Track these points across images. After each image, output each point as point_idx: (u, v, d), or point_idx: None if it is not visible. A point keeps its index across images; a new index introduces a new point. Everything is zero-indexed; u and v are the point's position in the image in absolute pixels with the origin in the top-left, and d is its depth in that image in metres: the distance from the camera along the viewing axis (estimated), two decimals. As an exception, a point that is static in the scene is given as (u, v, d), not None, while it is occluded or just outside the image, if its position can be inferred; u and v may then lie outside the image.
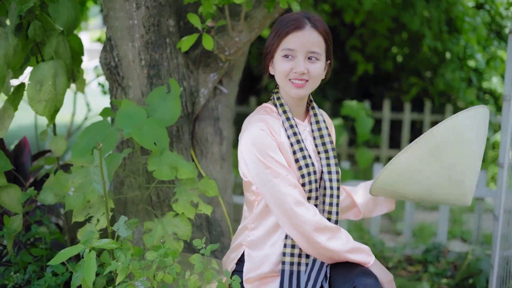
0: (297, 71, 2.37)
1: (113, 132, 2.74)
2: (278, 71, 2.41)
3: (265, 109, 2.51)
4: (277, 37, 2.38)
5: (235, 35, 3.15)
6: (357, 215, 2.77)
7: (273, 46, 2.40)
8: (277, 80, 2.46)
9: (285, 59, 2.39)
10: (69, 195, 2.68)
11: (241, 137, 2.43)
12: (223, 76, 3.41)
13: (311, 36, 2.38)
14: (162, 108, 2.83)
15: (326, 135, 2.54)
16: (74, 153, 2.71)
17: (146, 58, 3.00)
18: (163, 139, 2.73)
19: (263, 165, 2.34)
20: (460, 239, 6.24)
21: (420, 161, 2.37)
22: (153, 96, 2.87)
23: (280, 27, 2.39)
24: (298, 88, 2.41)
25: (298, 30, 2.36)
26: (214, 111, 3.41)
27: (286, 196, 2.33)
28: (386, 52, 9.18)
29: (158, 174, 2.71)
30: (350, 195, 2.74)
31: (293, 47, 2.37)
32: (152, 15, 2.99)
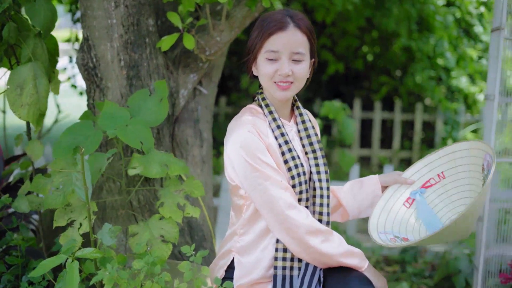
0: (281, 74, 2.31)
1: (97, 132, 2.65)
2: (262, 74, 2.34)
3: (251, 111, 2.43)
4: (260, 38, 2.31)
5: (216, 35, 3.08)
6: (344, 217, 2.69)
7: (256, 48, 2.33)
8: (262, 82, 2.39)
9: (269, 61, 2.31)
10: (49, 194, 2.57)
11: (228, 140, 2.35)
12: (203, 76, 3.33)
13: (295, 37, 2.31)
14: (144, 110, 2.75)
15: (313, 135, 2.48)
16: (56, 153, 2.62)
17: (125, 58, 2.91)
18: (148, 139, 2.65)
19: (252, 168, 2.27)
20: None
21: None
22: (134, 98, 2.79)
23: (263, 28, 2.31)
24: (283, 90, 2.34)
25: (281, 31, 2.29)
26: (194, 112, 3.32)
27: (277, 200, 2.26)
28: (356, 51, 9.19)
29: (148, 172, 2.63)
30: (336, 194, 2.67)
31: (276, 49, 2.30)
32: (131, 14, 2.89)
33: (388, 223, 2.56)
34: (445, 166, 2.63)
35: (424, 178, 2.65)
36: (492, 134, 3.23)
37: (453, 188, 2.61)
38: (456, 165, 2.60)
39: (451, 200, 2.61)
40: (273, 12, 2.36)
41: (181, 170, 2.67)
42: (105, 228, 2.33)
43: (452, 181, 2.62)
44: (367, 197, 2.63)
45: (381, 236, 2.49)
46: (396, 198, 2.62)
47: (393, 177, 2.64)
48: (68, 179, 2.53)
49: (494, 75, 3.27)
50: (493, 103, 3.23)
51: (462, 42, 8.74)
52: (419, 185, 2.64)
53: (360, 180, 2.67)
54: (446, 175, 2.62)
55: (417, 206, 2.60)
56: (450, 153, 2.61)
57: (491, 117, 3.25)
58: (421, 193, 2.62)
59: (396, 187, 2.64)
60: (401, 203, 2.62)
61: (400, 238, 2.50)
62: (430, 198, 2.63)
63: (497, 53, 3.22)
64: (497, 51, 3.24)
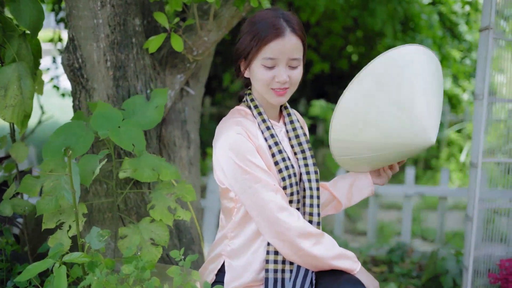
0: (279, 81, 2.27)
1: (88, 133, 2.60)
2: (259, 79, 2.29)
3: (239, 112, 2.40)
4: (256, 44, 2.25)
5: (204, 35, 3.04)
6: (337, 208, 2.65)
7: (251, 52, 2.27)
8: (257, 87, 2.34)
9: (265, 68, 2.27)
10: (41, 199, 2.52)
11: (217, 142, 2.31)
12: (190, 77, 3.29)
13: (292, 43, 2.26)
14: (140, 114, 2.72)
15: (301, 135, 2.45)
16: (46, 154, 2.56)
17: (112, 59, 2.86)
18: (140, 141, 2.61)
19: (242, 170, 2.23)
20: (421, 238, 6.25)
21: (366, 96, 2.22)
22: (130, 102, 2.76)
23: (258, 33, 2.24)
24: (280, 96, 2.31)
25: (278, 38, 2.24)
26: (181, 113, 3.29)
27: (268, 202, 2.22)
28: (341, 51, 9.18)
29: (139, 176, 2.59)
30: (327, 188, 2.64)
31: (274, 56, 2.25)
32: (117, 13, 2.85)
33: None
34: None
35: None
36: (481, 134, 3.22)
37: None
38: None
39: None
40: (266, 13, 2.30)
41: (172, 175, 2.63)
42: (93, 232, 2.28)
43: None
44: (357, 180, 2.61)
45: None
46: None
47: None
48: (59, 182, 2.48)
49: (482, 74, 3.27)
50: (482, 102, 3.22)
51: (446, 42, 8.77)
52: None
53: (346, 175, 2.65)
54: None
55: None
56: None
57: (480, 116, 3.24)
58: None
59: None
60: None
61: None
62: None
63: (486, 53, 3.21)
64: (485, 51, 3.23)
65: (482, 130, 3.21)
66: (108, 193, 2.89)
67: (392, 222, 6.62)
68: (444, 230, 5.46)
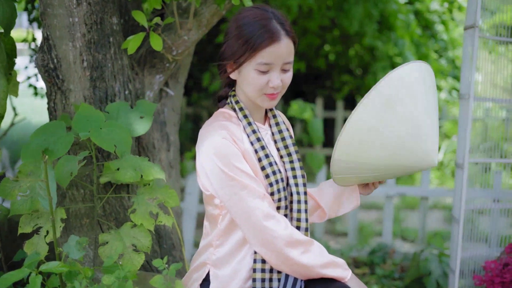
0: (274, 86, 2.18)
1: (68, 135, 2.50)
2: (251, 84, 2.19)
3: (223, 115, 2.30)
4: (250, 49, 2.14)
5: (184, 34, 2.95)
6: (321, 217, 2.57)
7: (244, 57, 2.16)
8: (247, 91, 2.24)
9: (259, 73, 2.17)
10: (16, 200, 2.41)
11: (200, 147, 2.22)
12: (169, 77, 3.19)
13: (287, 46, 2.18)
14: (124, 119, 2.64)
15: (287, 137, 2.36)
16: (24, 156, 2.46)
17: (89, 59, 2.75)
18: (125, 142, 2.52)
19: (227, 177, 2.14)
20: (401, 238, 6.21)
21: (374, 117, 2.15)
22: (114, 106, 2.67)
23: (252, 37, 2.14)
24: (272, 100, 2.23)
25: (275, 43, 2.14)
26: (161, 115, 3.19)
27: (254, 210, 2.13)
28: (318, 50, 9.13)
29: (121, 176, 2.49)
30: (312, 196, 2.56)
31: (269, 61, 2.16)
32: (94, 12, 2.74)
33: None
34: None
35: None
36: (468, 134, 3.16)
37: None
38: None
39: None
40: (255, 13, 2.18)
41: (157, 174, 2.54)
42: (72, 240, 2.18)
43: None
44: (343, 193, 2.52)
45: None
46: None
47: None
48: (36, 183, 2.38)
49: (468, 74, 3.21)
50: (468, 102, 3.17)
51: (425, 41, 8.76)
52: None
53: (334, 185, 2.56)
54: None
55: None
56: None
57: (466, 116, 3.19)
58: None
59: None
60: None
61: None
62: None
63: (472, 51, 3.15)
64: (471, 50, 3.17)
65: (468, 130, 3.15)
66: (85, 199, 2.78)
67: (373, 222, 6.58)
68: (426, 231, 5.42)
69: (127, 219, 2.82)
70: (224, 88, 2.38)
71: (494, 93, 3.39)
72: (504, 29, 3.41)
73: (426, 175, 5.37)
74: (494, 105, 3.62)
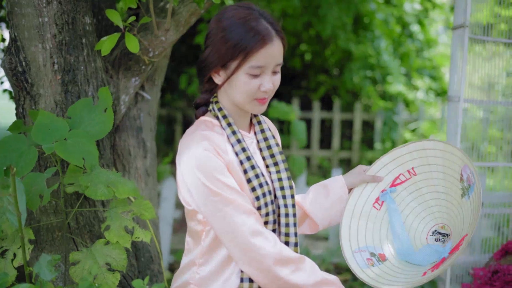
0: (266, 90, 2.03)
1: (31, 149, 2.31)
2: (242, 89, 2.04)
3: (205, 124, 2.12)
4: (242, 52, 1.98)
5: (161, 34, 2.78)
6: (313, 228, 2.42)
7: (234, 60, 2.00)
8: (236, 97, 2.07)
9: (251, 77, 2.02)
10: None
11: (181, 158, 2.05)
12: (145, 80, 3.03)
13: (278, 47, 2.04)
14: (88, 121, 2.44)
15: (274, 145, 2.20)
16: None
17: (60, 61, 2.57)
18: (92, 154, 2.34)
19: (210, 192, 1.98)
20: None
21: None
22: (76, 108, 2.47)
23: (242, 39, 1.99)
24: (262, 105, 2.08)
25: (267, 44, 2.00)
26: (136, 120, 3.02)
27: (240, 227, 1.97)
28: (294, 50, 9.01)
29: (92, 193, 2.31)
30: (299, 204, 2.40)
31: (263, 64, 2.01)
32: (65, 11, 2.57)
33: (361, 233, 2.31)
34: (415, 162, 2.36)
35: (393, 174, 2.38)
36: (458, 138, 3.04)
37: (426, 186, 2.35)
38: (429, 163, 2.33)
39: (424, 199, 2.36)
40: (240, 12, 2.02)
41: (130, 192, 2.36)
42: (43, 260, 2.00)
43: (425, 179, 2.35)
44: (335, 205, 2.36)
45: (357, 257, 2.24)
46: (364, 200, 2.36)
47: (360, 177, 2.37)
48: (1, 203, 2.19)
49: (457, 75, 3.09)
50: (458, 105, 3.04)
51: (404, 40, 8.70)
52: (388, 183, 2.39)
53: (325, 185, 2.39)
54: (418, 171, 2.36)
55: (388, 209, 2.36)
56: (420, 150, 2.34)
57: (456, 120, 3.06)
58: (391, 192, 2.37)
59: (363, 186, 2.37)
60: (371, 205, 2.36)
61: (376, 255, 2.26)
62: (401, 196, 2.37)
63: (462, 52, 3.03)
64: (461, 51, 3.05)
65: (459, 134, 3.02)
66: (57, 210, 2.60)
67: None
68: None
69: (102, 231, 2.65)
70: (203, 95, 2.21)
71: (471, 93, 3.27)
72: (478, 28, 3.29)
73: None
74: (471, 105, 3.51)
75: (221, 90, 2.12)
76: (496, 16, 3.38)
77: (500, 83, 3.63)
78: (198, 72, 2.16)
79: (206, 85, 2.16)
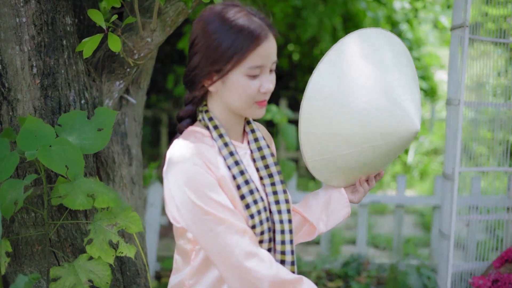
0: (266, 90, 1.87)
1: (12, 154, 2.17)
2: (242, 93, 1.87)
3: (195, 135, 1.95)
4: (239, 52, 1.83)
5: (147, 35, 2.63)
6: (311, 234, 2.26)
7: (231, 62, 1.84)
8: (235, 103, 1.90)
9: (250, 78, 1.86)
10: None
11: (168, 173, 1.87)
12: (130, 83, 2.88)
13: (274, 44, 1.89)
14: (78, 134, 2.31)
15: (268, 155, 2.04)
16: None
17: (39, 64, 2.42)
18: (78, 163, 2.20)
19: (201, 210, 1.81)
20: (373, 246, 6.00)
21: (338, 77, 1.93)
22: (69, 117, 2.34)
23: (237, 38, 1.83)
24: (263, 108, 1.92)
25: (264, 41, 1.85)
26: (121, 125, 2.87)
27: (234, 248, 1.81)
28: (281, 50, 8.90)
29: (70, 203, 2.17)
30: (297, 210, 2.25)
31: (262, 63, 1.85)
32: (44, 11, 2.41)
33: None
34: None
35: None
36: (458, 143, 2.90)
37: None
38: None
39: None
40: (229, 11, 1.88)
41: (110, 202, 2.21)
42: (20, 281, 1.85)
43: None
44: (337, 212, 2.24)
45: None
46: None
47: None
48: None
49: (457, 77, 2.96)
50: (458, 108, 2.91)
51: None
52: None
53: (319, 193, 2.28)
54: None
55: None
56: None
57: (456, 124, 2.93)
58: None
59: None
60: None
61: None
62: None
63: (463, 53, 2.89)
64: (461, 51, 2.91)
65: (459, 139, 2.89)
66: (37, 223, 2.45)
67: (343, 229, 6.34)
68: (401, 240, 5.19)
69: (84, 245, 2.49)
70: (187, 107, 2.03)
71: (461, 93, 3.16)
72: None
73: (402, 182, 5.14)
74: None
75: (212, 98, 1.97)
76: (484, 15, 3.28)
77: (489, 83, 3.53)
78: (187, 82, 1.99)
79: (197, 93, 1.99)
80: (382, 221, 6.87)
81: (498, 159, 3.54)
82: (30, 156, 2.13)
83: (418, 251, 5.67)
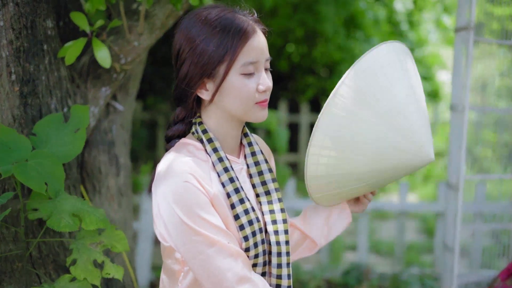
0: (265, 87, 1.77)
1: None
2: (239, 94, 1.76)
3: (187, 148, 1.82)
4: (228, 52, 1.72)
5: (134, 39, 2.50)
6: (311, 248, 2.15)
7: (223, 63, 1.73)
8: (234, 107, 1.79)
9: (246, 76, 1.75)
10: None
11: (157, 188, 1.75)
12: (118, 89, 2.74)
13: (264, 39, 1.80)
14: (55, 141, 2.18)
15: (266, 171, 1.91)
16: None
17: (18, 70, 2.28)
18: (58, 178, 2.06)
19: (191, 230, 1.68)
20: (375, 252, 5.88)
21: (345, 116, 1.80)
22: (43, 124, 2.21)
23: (226, 36, 1.72)
24: (264, 108, 1.80)
25: (252, 37, 1.74)
26: (108, 133, 2.74)
27: (225, 272, 1.68)
28: (281, 51, 8.79)
29: (55, 224, 2.03)
30: (296, 226, 2.12)
31: (256, 58, 1.75)
32: (23, 14, 2.28)
33: None
34: None
35: None
36: (463, 151, 2.76)
37: None
38: None
39: None
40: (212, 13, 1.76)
41: (99, 223, 2.07)
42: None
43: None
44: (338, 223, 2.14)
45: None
46: None
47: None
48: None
49: (460, 81, 2.81)
50: (463, 115, 2.77)
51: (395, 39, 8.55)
52: None
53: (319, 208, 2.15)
54: None
55: None
56: None
57: (461, 131, 2.78)
58: None
59: None
60: None
61: None
62: None
63: (467, 56, 2.75)
64: (465, 55, 2.77)
65: (464, 146, 2.74)
66: (17, 238, 2.31)
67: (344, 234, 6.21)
68: (403, 247, 5.05)
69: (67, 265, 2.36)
70: (177, 126, 1.90)
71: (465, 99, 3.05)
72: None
73: (404, 189, 5.01)
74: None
75: (206, 108, 1.84)
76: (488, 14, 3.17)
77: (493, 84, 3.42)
78: (177, 96, 1.86)
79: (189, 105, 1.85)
80: (384, 227, 6.75)
81: (503, 162, 3.43)
82: (5, 173, 1.99)
83: (421, 257, 5.56)
